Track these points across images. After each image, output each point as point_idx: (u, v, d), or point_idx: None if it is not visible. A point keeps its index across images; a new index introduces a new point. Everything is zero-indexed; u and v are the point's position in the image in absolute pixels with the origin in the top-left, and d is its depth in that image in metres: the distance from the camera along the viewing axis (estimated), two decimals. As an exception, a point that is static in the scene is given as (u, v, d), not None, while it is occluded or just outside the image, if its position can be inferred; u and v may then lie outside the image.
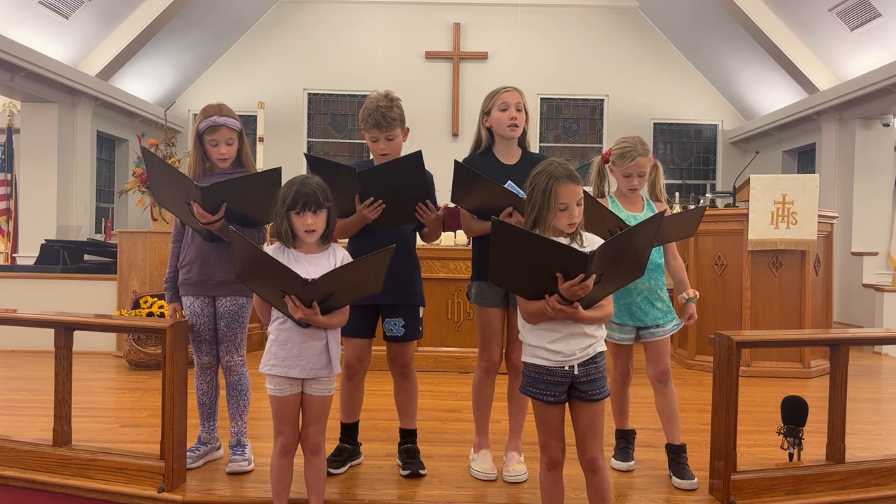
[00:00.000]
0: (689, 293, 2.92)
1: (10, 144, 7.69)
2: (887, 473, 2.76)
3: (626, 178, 2.86)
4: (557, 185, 2.11)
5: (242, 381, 2.90)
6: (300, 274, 2.16)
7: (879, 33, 6.62)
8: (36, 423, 3.41)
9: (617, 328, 2.86)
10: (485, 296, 2.82)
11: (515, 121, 2.80)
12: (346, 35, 9.81)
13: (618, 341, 2.89)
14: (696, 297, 2.93)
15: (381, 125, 2.74)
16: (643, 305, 2.82)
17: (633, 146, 2.83)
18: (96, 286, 5.69)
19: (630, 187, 2.88)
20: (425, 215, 2.73)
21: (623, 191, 2.91)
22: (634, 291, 2.81)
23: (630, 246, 2.11)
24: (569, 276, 2.01)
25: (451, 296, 5.08)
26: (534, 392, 2.17)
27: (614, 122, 9.86)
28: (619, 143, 2.90)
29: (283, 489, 2.38)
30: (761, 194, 4.94)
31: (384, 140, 2.77)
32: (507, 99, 2.81)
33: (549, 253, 2.02)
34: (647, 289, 2.83)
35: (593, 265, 2.00)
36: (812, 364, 5.06)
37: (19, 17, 6.37)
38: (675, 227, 2.82)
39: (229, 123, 2.79)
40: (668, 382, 2.84)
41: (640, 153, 2.82)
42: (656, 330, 2.84)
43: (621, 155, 2.84)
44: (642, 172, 2.85)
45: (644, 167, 2.84)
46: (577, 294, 2.03)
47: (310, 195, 2.26)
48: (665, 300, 2.88)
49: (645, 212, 2.89)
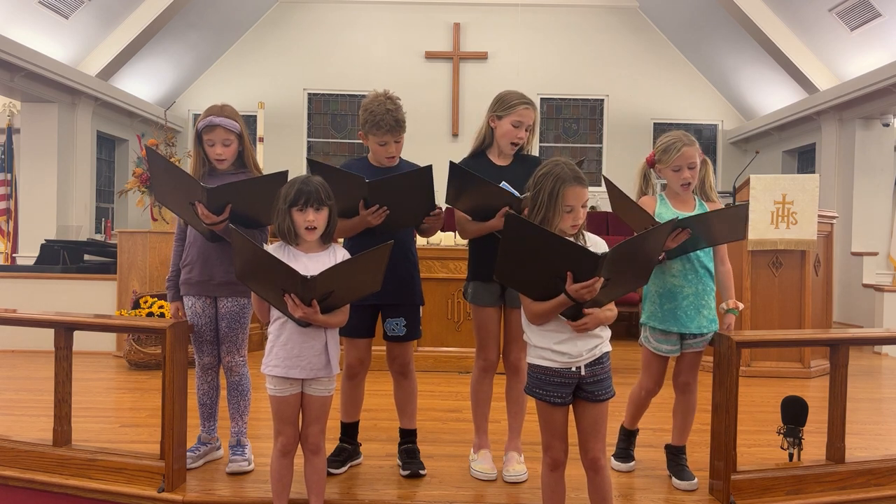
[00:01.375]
0: (731, 304, 2.74)
1: (10, 144, 7.69)
2: (887, 473, 2.76)
3: (675, 173, 2.71)
4: (564, 187, 2.10)
5: (243, 381, 2.90)
6: (300, 271, 2.16)
7: (879, 33, 6.62)
8: (36, 423, 3.41)
9: (662, 338, 2.72)
10: (481, 296, 2.82)
11: (521, 140, 2.81)
12: (346, 35, 9.81)
13: (665, 353, 2.73)
14: (737, 310, 2.73)
15: (394, 130, 2.73)
16: (689, 311, 2.68)
17: (676, 138, 2.71)
18: (96, 286, 5.69)
19: (682, 182, 2.71)
20: (433, 223, 2.74)
21: (675, 188, 2.75)
22: (680, 296, 2.68)
23: (641, 250, 2.08)
24: (577, 277, 2.00)
25: (451, 296, 5.08)
26: (540, 393, 2.17)
27: (614, 122, 9.87)
28: (661, 140, 2.78)
29: (284, 489, 2.38)
30: (761, 194, 4.94)
31: (394, 144, 2.77)
32: (522, 118, 2.77)
33: (562, 251, 2.00)
34: (695, 293, 2.69)
35: (603, 268, 1.99)
36: (812, 364, 5.05)
37: (19, 17, 6.37)
38: (721, 227, 2.64)
39: (225, 124, 2.77)
40: (692, 393, 2.79)
41: (686, 143, 2.69)
42: (696, 340, 2.71)
43: (666, 149, 2.72)
44: (692, 164, 2.69)
45: (693, 157, 2.69)
46: (584, 296, 2.01)
47: (312, 192, 2.27)
48: (712, 307, 2.73)
49: (696, 211, 2.73)
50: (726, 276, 2.80)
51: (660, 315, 2.71)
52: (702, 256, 2.73)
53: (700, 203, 2.80)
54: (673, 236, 2.54)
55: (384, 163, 2.83)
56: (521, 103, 2.77)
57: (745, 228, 2.74)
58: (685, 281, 2.69)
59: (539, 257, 2.04)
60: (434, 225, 2.81)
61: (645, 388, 2.82)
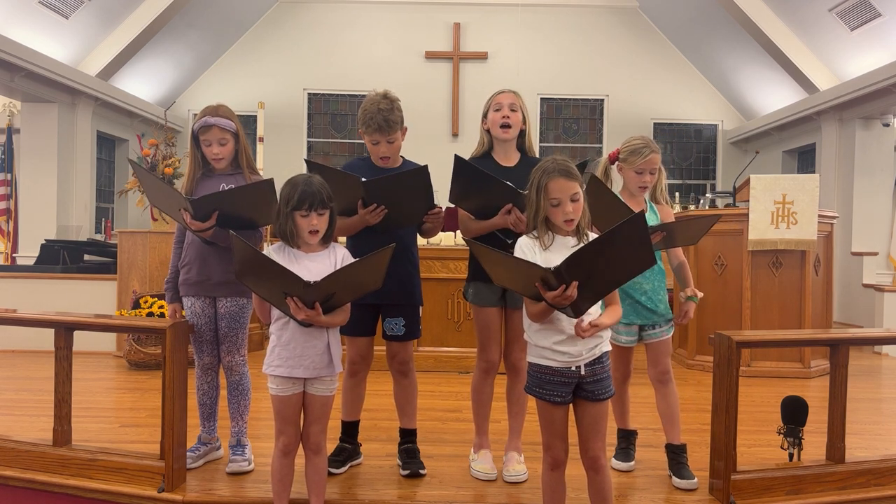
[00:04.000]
0: (689, 291, 2.93)
1: (10, 144, 7.69)
2: (887, 473, 2.76)
3: (637, 175, 2.86)
4: (548, 179, 2.11)
5: (243, 381, 2.90)
6: (301, 272, 2.17)
7: (879, 33, 6.62)
8: (36, 423, 3.41)
9: (624, 330, 2.86)
10: (482, 296, 2.83)
11: (507, 120, 2.81)
12: (346, 35, 9.81)
13: (624, 344, 2.89)
14: (697, 297, 2.93)
15: (383, 129, 2.74)
16: (648, 304, 2.83)
17: (645, 143, 2.85)
18: (96, 286, 5.69)
19: (641, 184, 2.88)
20: (434, 222, 2.76)
21: (632, 189, 2.91)
22: (639, 291, 2.82)
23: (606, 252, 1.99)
24: (549, 286, 2.00)
25: (451, 296, 5.09)
26: (540, 393, 2.17)
27: (614, 122, 9.86)
28: (630, 140, 2.91)
29: (284, 489, 2.38)
30: (761, 194, 4.94)
31: (385, 143, 2.77)
32: (500, 100, 2.84)
33: (519, 269, 2.06)
34: (651, 289, 2.84)
35: (569, 274, 1.97)
36: (812, 364, 5.06)
37: (19, 17, 6.37)
38: (687, 233, 2.82)
39: (221, 123, 2.78)
40: (668, 383, 2.85)
41: (654, 150, 2.84)
42: (655, 331, 2.86)
43: (633, 151, 2.85)
44: (654, 169, 2.87)
45: (656, 164, 2.86)
46: (561, 303, 2.02)
47: (315, 196, 2.27)
48: (665, 301, 2.89)
49: (647, 214, 2.87)
50: (684, 268, 2.98)
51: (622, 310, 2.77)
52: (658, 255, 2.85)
53: (650, 206, 2.95)
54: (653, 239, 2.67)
55: (379, 162, 2.82)
56: (497, 92, 2.89)
57: (702, 237, 2.92)
58: (643, 278, 2.80)
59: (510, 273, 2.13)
60: (435, 225, 2.82)
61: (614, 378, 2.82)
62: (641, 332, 2.88)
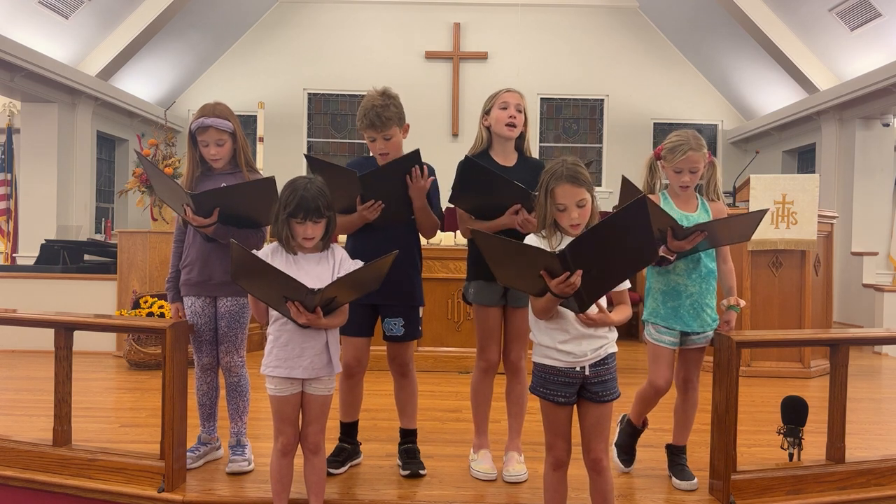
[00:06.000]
0: (732, 300, 2.75)
1: (10, 144, 7.69)
2: (887, 473, 2.76)
3: (676, 174, 2.70)
4: (555, 184, 2.11)
5: (242, 381, 2.90)
6: (299, 274, 2.17)
7: (879, 33, 6.61)
8: (36, 423, 3.41)
9: (665, 330, 2.71)
10: (483, 295, 2.82)
11: (514, 120, 2.79)
12: (346, 35, 9.81)
13: (667, 345, 2.71)
14: (739, 307, 2.75)
15: (375, 125, 2.71)
16: (692, 310, 2.69)
17: (685, 140, 2.68)
18: (96, 286, 5.69)
19: (680, 184, 2.70)
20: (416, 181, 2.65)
21: (674, 188, 2.75)
22: (684, 295, 2.69)
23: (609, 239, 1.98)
24: (553, 274, 2.00)
25: (451, 296, 5.08)
26: (544, 392, 2.16)
27: (614, 122, 9.86)
28: (672, 136, 2.75)
29: (284, 489, 2.38)
30: (761, 194, 4.94)
31: (381, 140, 2.75)
32: (507, 99, 2.81)
33: (523, 255, 2.04)
34: (697, 292, 2.69)
35: (574, 261, 1.96)
36: (812, 364, 5.06)
37: (19, 17, 6.37)
38: (731, 231, 2.67)
39: (217, 124, 2.76)
40: (691, 391, 2.79)
41: (693, 147, 2.66)
42: (698, 336, 2.72)
43: (672, 149, 2.69)
44: (694, 168, 2.68)
45: (696, 163, 2.67)
46: (565, 292, 2.00)
47: (310, 204, 2.25)
48: (713, 306, 2.74)
49: (699, 212, 2.73)
50: (729, 274, 2.81)
51: (662, 313, 2.71)
52: (704, 256, 2.72)
53: (702, 203, 2.79)
54: (690, 239, 2.56)
55: (379, 160, 2.80)
56: (502, 90, 2.85)
57: (753, 233, 2.75)
58: (689, 280, 2.69)
59: (514, 263, 2.09)
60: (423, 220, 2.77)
61: (654, 386, 2.75)
62: (684, 337, 2.72)
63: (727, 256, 2.83)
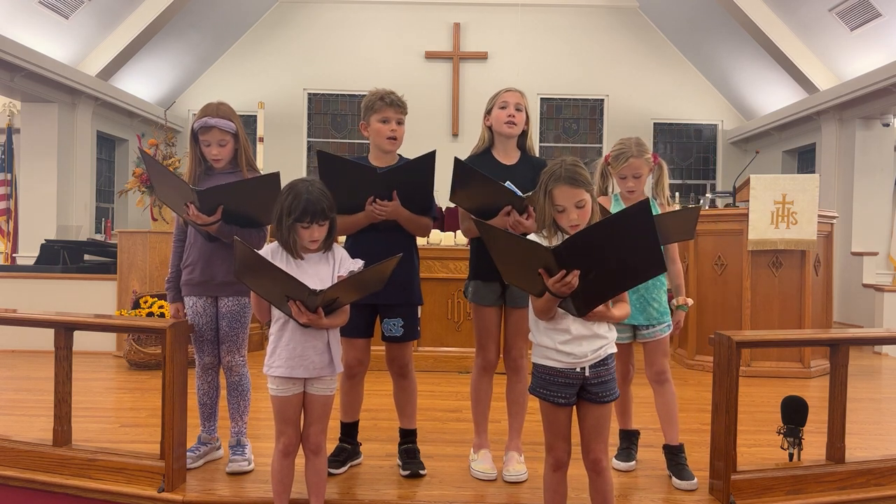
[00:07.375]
0: (680, 300, 2.89)
1: (10, 144, 7.69)
2: (887, 473, 2.76)
3: (622, 180, 2.86)
4: (554, 186, 2.11)
5: (243, 381, 2.90)
6: (300, 274, 2.17)
7: (879, 33, 6.62)
8: (36, 423, 3.41)
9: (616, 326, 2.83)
10: (481, 295, 2.83)
11: (513, 118, 2.81)
12: (346, 35, 9.81)
13: (622, 340, 2.82)
14: (686, 306, 2.89)
15: (397, 105, 2.77)
16: (637, 305, 2.79)
17: (627, 147, 2.80)
18: (96, 286, 5.69)
19: (626, 189, 2.86)
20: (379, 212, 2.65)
21: (623, 192, 2.90)
22: (629, 291, 2.75)
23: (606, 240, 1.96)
24: (552, 273, 2.00)
25: (451, 296, 5.08)
26: (544, 393, 2.16)
27: (614, 122, 9.86)
28: (617, 144, 2.89)
29: (285, 490, 2.38)
30: (761, 194, 4.94)
31: (395, 123, 2.77)
32: (507, 98, 2.85)
33: (521, 249, 2.03)
34: (644, 287, 2.79)
35: (570, 259, 1.96)
36: (812, 364, 5.05)
37: (19, 17, 6.37)
38: (670, 228, 2.76)
39: (220, 125, 2.77)
40: (664, 383, 2.83)
41: (634, 154, 2.78)
42: (648, 331, 2.83)
43: (616, 157, 2.83)
44: (637, 174, 2.82)
45: (638, 169, 2.80)
46: (562, 291, 2.00)
47: (316, 207, 2.25)
48: (661, 301, 2.86)
49: None
50: (677, 274, 2.93)
51: None
52: None
53: (653, 205, 2.87)
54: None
55: (385, 146, 2.79)
56: (503, 89, 2.89)
57: (694, 229, 2.85)
58: None
59: (513, 257, 2.09)
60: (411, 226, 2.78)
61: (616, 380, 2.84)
62: (636, 331, 2.86)
63: (675, 257, 2.94)
